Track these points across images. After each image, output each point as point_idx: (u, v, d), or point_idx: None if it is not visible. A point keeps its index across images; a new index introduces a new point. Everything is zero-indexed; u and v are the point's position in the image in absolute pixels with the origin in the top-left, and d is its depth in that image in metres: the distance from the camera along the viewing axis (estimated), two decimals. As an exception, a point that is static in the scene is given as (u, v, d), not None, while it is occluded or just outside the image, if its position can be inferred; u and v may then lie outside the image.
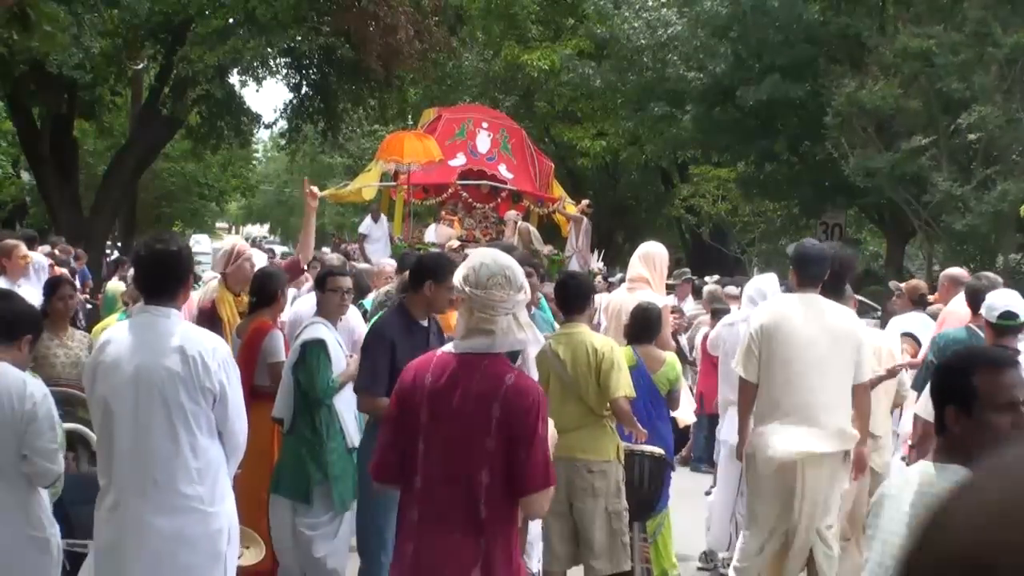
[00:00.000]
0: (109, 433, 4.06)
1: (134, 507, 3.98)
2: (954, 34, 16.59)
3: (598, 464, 5.81)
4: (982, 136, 15.93)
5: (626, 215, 29.89)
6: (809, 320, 5.75)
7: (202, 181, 35.03)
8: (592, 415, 5.82)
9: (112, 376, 4.03)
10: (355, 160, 33.65)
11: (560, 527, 5.92)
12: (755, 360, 5.82)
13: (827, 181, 19.44)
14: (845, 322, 5.84)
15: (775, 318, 5.85)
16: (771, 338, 5.77)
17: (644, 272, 7.58)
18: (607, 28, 22.55)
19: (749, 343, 5.87)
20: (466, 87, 27.46)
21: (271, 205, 60.79)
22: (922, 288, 9.72)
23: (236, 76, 22.39)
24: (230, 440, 4.19)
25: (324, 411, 5.79)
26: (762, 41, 19.15)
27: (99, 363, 4.09)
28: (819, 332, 5.72)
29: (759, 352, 5.80)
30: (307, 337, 5.87)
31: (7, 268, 8.76)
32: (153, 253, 4.17)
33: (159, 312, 4.11)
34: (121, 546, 4.01)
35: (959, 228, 16.00)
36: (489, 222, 16.38)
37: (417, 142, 14.41)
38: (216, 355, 4.09)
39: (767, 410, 5.81)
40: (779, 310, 5.94)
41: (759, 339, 5.81)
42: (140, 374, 3.99)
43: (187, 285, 4.33)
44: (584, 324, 6.00)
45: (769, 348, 5.78)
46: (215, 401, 4.08)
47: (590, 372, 5.78)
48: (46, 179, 21.64)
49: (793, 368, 5.72)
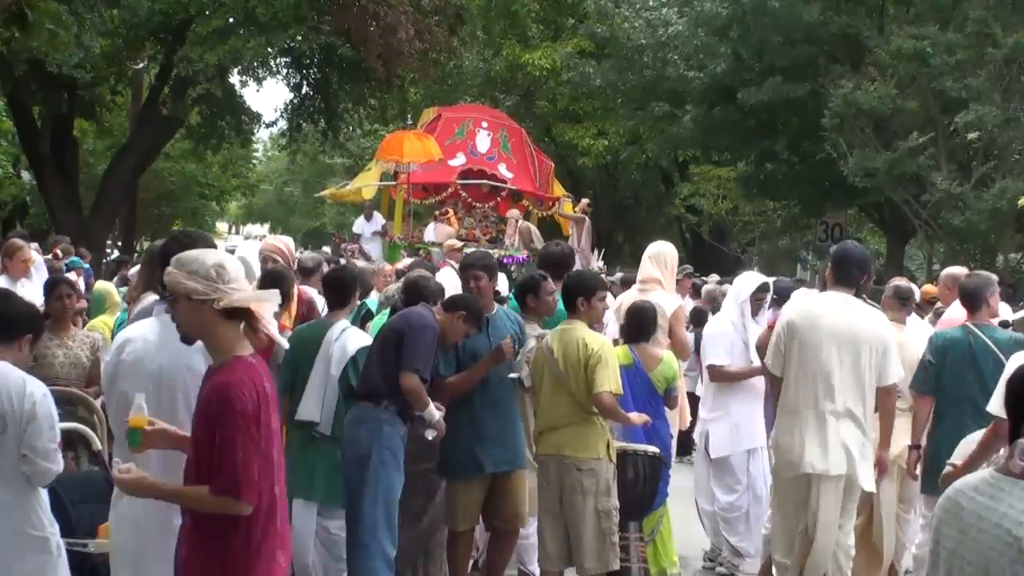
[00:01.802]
0: None
1: (155, 507, 3.97)
2: (950, 34, 16.60)
3: (587, 462, 5.81)
4: (981, 135, 15.94)
5: (626, 214, 29.91)
6: (836, 319, 5.73)
7: (202, 181, 34.99)
8: (582, 411, 5.84)
9: (134, 375, 4.00)
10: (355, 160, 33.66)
11: (552, 526, 5.93)
12: (781, 355, 5.83)
13: (827, 180, 19.46)
14: (872, 324, 5.80)
15: (803, 315, 5.84)
16: (797, 334, 5.77)
17: (656, 273, 7.58)
18: (607, 27, 22.56)
19: (776, 339, 5.89)
20: (466, 87, 27.47)
21: (271, 205, 60.82)
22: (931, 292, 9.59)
23: (236, 76, 22.41)
24: None
25: None
26: (762, 41, 19.16)
27: (120, 361, 4.06)
28: (844, 332, 5.69)
29: (784, 347, 5.81)
30: (359, 343, 5.89)
31: (8, 268, 8.77)
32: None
33: None
34: (141, 546, 3.99)
35: (957, 224, 16.01)
36: (489, 221, 16.39)
37: (417, 142, 14.41)
38: None
39: (788, 405, 5.81)
40: (808, 307, 5.93)
41: (786, 335, 5.81)
42: (163, 373, 3.97)
43: None
44: (581, 321, 6.01)
45: (793, 344, 5.77)
46: None
47: (579, 367, 5.80)
48: (46, 179, 21.63)
49: (813, 365, 5.71)
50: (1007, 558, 2.64)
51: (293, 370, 5.96)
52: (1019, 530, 2.63)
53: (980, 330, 6.18)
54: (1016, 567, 2.62)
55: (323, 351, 5.85)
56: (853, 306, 5.80)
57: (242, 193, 43.34)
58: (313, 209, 51.41)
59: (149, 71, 24.33)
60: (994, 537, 2.67)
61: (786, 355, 5.80)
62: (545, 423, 5.98)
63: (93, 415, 6.09)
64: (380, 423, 5.58)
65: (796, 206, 22.82)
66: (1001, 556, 2.65)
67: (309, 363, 5.88)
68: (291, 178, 54.53)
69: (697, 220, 27.25)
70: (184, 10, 19.25)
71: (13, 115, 21.69)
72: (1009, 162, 16.49)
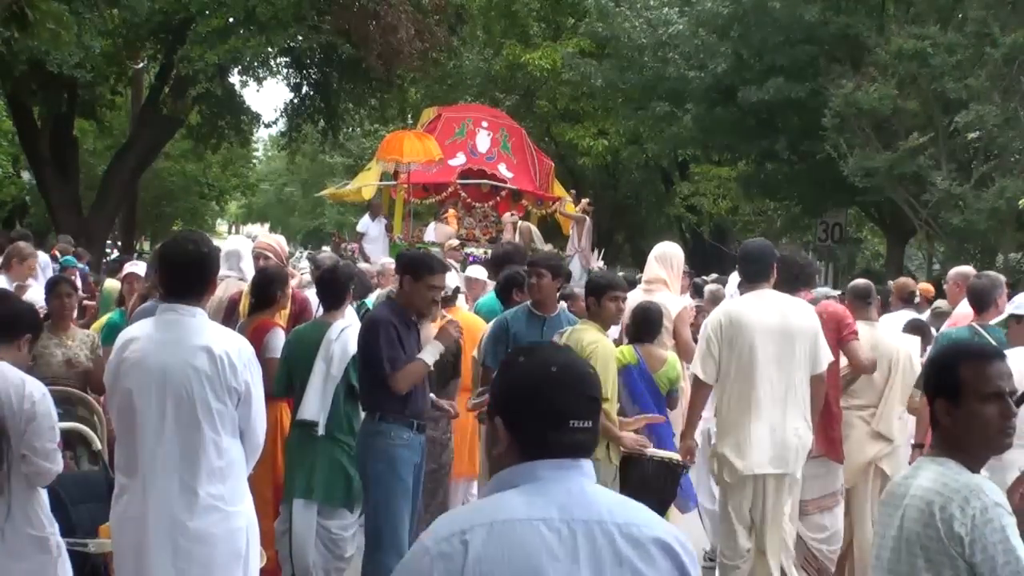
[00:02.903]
0: (131, 431, 4.04)
1: (157, 506, 3.97)
2: (951, 34, 16.59)
3: None
4: (981, 135, 15.93)
5: (626, 214, 29.89)
6: (765, 316, 5.79)
7: (202, 180, 35.00)
8: None
9: (137, 374, 4.01)
10: (355, 160, 33.66)
11: None
12: (713, 361, 5.86)
13: (827, 180, 19.45)
14: (800, 315, 5.87)
15: (730, 316, 5.89)
16: (727, 336, 5.81)
17: (661, 273, 7.58)
18: (608, 27, 22.54)
19: (707, 344, 5.90)
20: (466, 87, 27.45)
21: (271, 205, 60.78)
22: (911, 286, 9.77)
23: (236, 76, 22.39)
24: (251, 440, 4.19)
25: (360, 415, 5.88)
26: (763, 41, 19.16)
27: (123, 360, 4.07)
28: (774, 327, 5.76)
29: (718, 352, 5.84)
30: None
31: (12, 269, 8.80)
32: (187, 254, 4.14)
33: (185, 311, 4.09)
34: (144, 545, 4.00)
35: (957, 224, 16.00)
36: (489, 221, 16.38)
37: (417, 141, 14.41)
38: (242, 355, 4.10)
39: (729, 407, 5.87)
40: (733, 308, 5.99)
41: (717, 338, 5.85)
42: (167, 372, 3.98)
43: (213, 286, 4.34)
44: (591, 324, 5.99)
45: (726, 346, 5.82)
46: (239, 401, 4.08)
47: None
48: (46, 179, 21.63)
49: (750, 364, 5.76)
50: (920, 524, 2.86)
51: (290, 370, 5.96)
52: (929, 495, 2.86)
53: (986, 330, 6.21)
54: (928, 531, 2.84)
55: (323, 351, 5.84)
56: (774, 300, 5.88)
57: (242, 193, 43.35)
58: (313, 209, 51.40)
59: (149, 71, 24.32)
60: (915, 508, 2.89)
61: (720, 359, 5.83)
62: None
63: (93, 415, 6.08)
64: (373, 436, 5.56)
65: (796, 206, 22.81)
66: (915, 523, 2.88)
67: (309, 363, 5.87)
68: (291, 178, 54.50)
69: (697, 220, 27.24)
70: (184, 10, 19.24)
71: (13, 115, 21.71)
72: (1009, 162, 16.48)
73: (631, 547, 2.10)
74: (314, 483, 5.82)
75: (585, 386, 2.18)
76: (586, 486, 2.15)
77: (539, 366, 2.18)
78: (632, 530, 2.12)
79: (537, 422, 2.14)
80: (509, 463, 2.16)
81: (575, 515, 2.09)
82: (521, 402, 2.16)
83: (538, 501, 2.09)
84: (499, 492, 2.14)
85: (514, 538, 2.05)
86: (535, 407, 2.14)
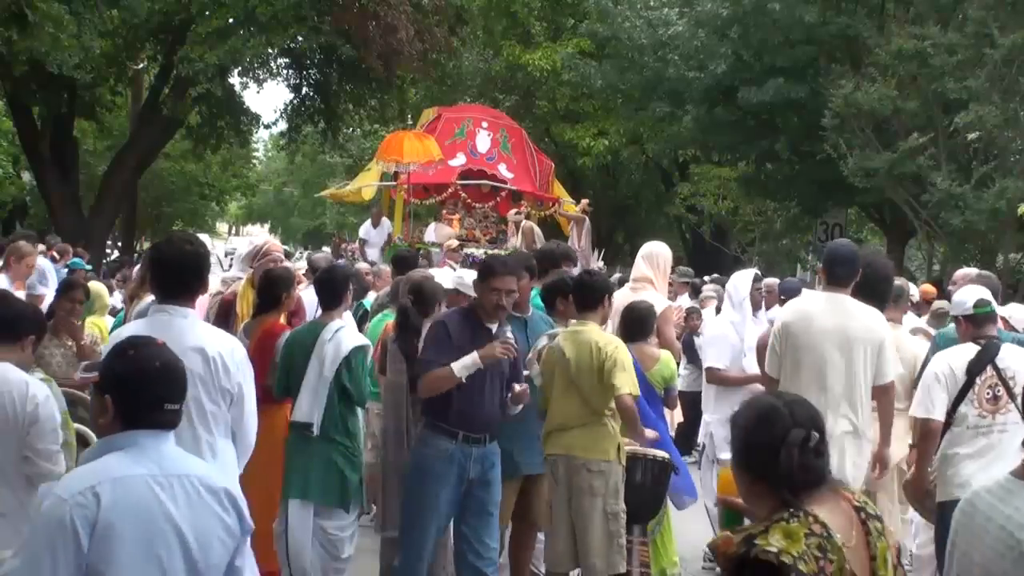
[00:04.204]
0: None
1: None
2: (951, 34, 16.59)
3: (597, 464, 5.78)
4: (981, 135, 15.92)
5: (626, 215, 29.88)
6: (828, 319, 5.73)
7: (202, 181, 35.01)
8: (594, 414, 5.81)
9: None
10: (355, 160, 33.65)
11: (561, 526, 5.92)
12: (776, 357, 5.84)
13: (827, 181, 19.44)
14: (868, 322, 5.78)
15: (797, 316, 5.86)
16: (790, 335, 5.78)
17: (648, 272, 7.57)
18: (608, 27, 22.54)
19: (772, 340, 5.90)
20: (466, 87, 27.45)
21: (271, 205, 60.75)
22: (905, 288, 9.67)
23: (236, 76, 22.40)
24: (242, 441, 4.21)
25: (356, 415, 5.90)
26: (762, 41, 19.16)
27: None
28: (836, 332, 5.70)
29: (780, 349, 5.82)
30: (352, 343, 5.87)
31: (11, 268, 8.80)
32: (182, 254, 4.16)
33: (177, 312, 4.10)
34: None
35: (957, 224, 16.00)
36: (489, 222, 16.40)
37: (417, 142, 14.42)
38: (235, 356, 4.11)
39: None
40: (802, 308, 5.95)
41: (781, 336, 5.82)
42: None
43: (205, 287, 4.35)
44: (594, 323, 6.00)
45: (788, 345, 5.79)
46: (232, 402, 4.08)
47: (592, 370, 5.77)
48: (46, 179, 21.65)
49: (807, 366, 5.72)
50: (1008, 560, 2.64)
51: (287, 371, 5.96)
52: (1021, 533, 2.63)
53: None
54: (1017, 570, 2.62)
55: (317, 352, 5.85)
56: (846, 305, 5.80)
57: (242, 193, 43.33)
58: (313, 209, 51.37)
59: (149, 71, 24.34)
60: (997, 539, 2.67)
61: (782, 358, 5.81)
62: (555, 424, 5.94)
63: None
64: (417, 442, 5.72)
65: (796, 206, 22.80)
66: (1003, 558, 2.65)
67: (304, 364, 5.87)
68: (291, 178, 54.48)
69: (697, 220, 27.22)
70: (184, 10, 19.27)
71: (13, 115, 21.72)
72: (1009, 162, 16.46)
73: (210, 495, 2.85)
74: (309, 483, 5.82)
75: (179, 379, 2.90)
76: (172, 450, 2.86)
77: (146, 360, 2.86)
78: (208, 482, 2.86)
79: (141, 403, 2.83)
80: (114, 431, 2.83)
81: (171, 471, 2.80)
82: (130, 386, 2.83)
83: (143, 460, 2.78)
84: (108, 454, 2.80)
85: (133, 489, 2.73)
86: (140, 392, 2.83)
